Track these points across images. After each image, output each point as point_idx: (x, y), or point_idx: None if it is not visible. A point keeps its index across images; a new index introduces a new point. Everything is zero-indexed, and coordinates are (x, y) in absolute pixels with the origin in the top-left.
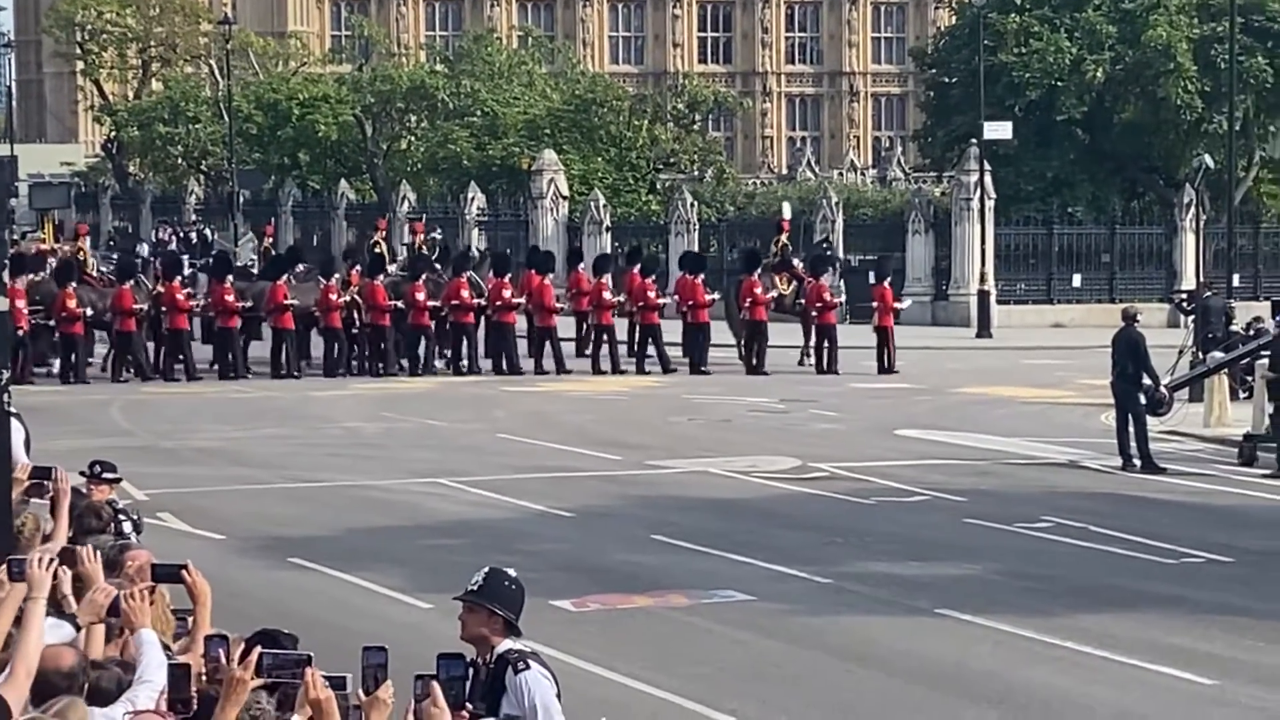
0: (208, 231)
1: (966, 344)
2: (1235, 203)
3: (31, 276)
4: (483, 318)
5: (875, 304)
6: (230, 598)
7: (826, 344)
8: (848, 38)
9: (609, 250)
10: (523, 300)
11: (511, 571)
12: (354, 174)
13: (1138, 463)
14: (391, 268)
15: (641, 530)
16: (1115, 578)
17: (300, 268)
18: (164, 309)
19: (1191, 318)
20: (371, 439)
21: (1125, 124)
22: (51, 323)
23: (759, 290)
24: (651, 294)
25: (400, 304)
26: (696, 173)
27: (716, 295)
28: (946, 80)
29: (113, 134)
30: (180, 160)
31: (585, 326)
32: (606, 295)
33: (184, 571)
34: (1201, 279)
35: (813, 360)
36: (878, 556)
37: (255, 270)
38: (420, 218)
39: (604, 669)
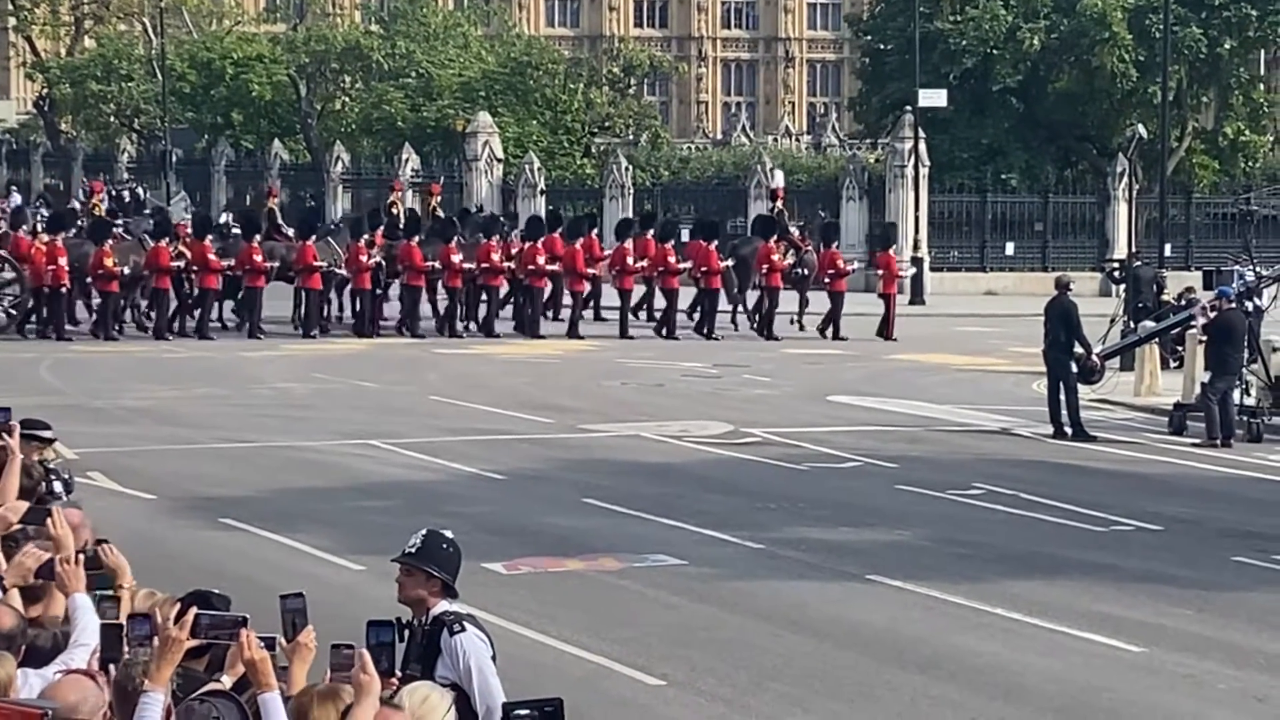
0: (140, 190)
1: (899, 310)
2: (1167, 173)
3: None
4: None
5: (880, 271)
6: (161, 558)
7: (834, 310)
8: (784, 3)
9: (544, 213)
10: (555, 266)
11: (448, 533)
12: (288, 134)
13: (1069, 431)
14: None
15: (573, 494)
16: (1045, 545)
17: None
18: (194, 268)
19: (1123, 287)
20: (303, 400)
21: (1060, 93)
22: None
23: (775, 257)
24: (671, 259)
25: (437, 264)
26: (631, 137)
27: (731, 261)
28: (882, 47)
29: (45, 91)
30: (113, 118)
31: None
32: (629, 260)
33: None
34: (1133, 249)
35: (820, 325)
36: (809, 522)
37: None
38: (439, 179)
39: (535, 632)
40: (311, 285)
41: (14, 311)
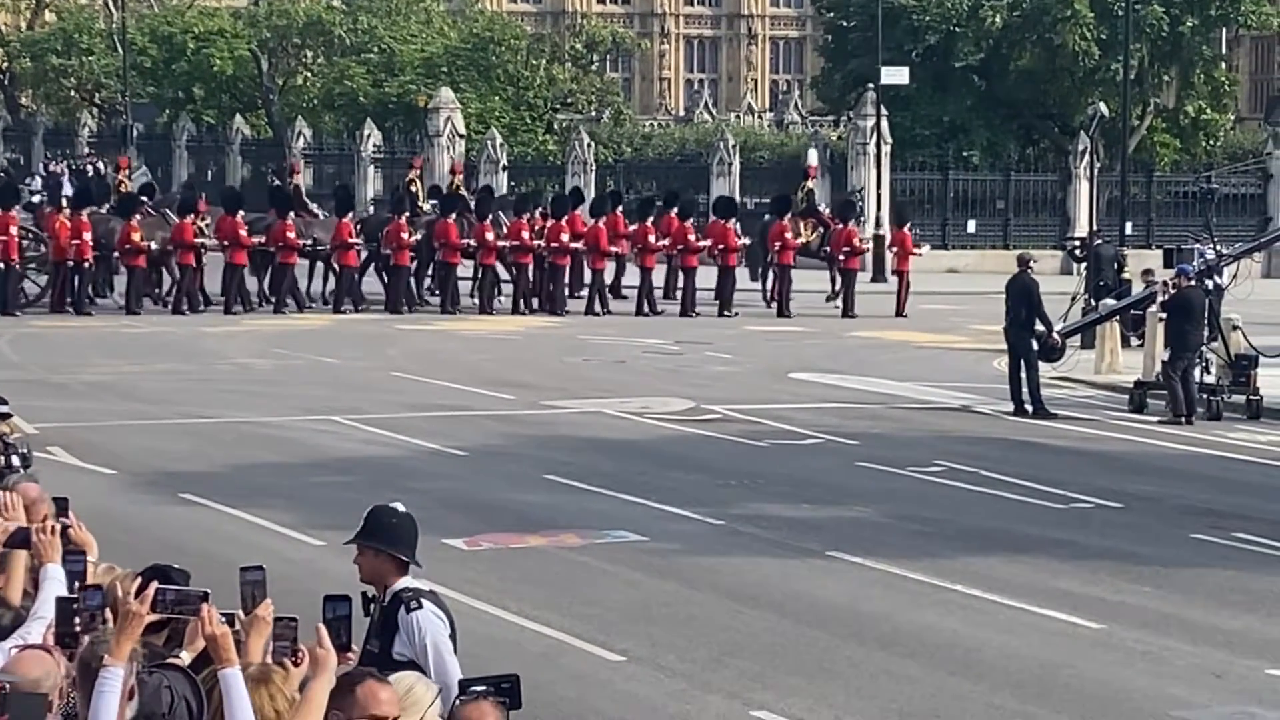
0: (101, 165)
1: (861, 288)
2: (1129, 151)
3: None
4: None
5: (894, 249)
6: (121, 533)
7: (848, 286)
8: None
9: (507, 190)
10: (579, 244)
11: (398, 506)
12: (249, 109)
13: (1029, 408)
14: (426, 206)
15: (535, 470)
16: (1005, 522)
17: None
18: (225, 244)
19: (1084, 265)
20: (264, 375)
21: (1022, 71)
22: (116, 255)
23: (788, 235)
24: (691, 237)
25: (472, 243)
26: (594, 113)
27: (748, 240)
28: (845, 24)
29: (5, 65)
30: (73, 93)
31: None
32: (651, 239)
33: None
34: (1094, 226)
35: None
36: (770, 498)
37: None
38: (463, 158)
39: (496, 608)
40: (347, 261)
41: (40, 285)
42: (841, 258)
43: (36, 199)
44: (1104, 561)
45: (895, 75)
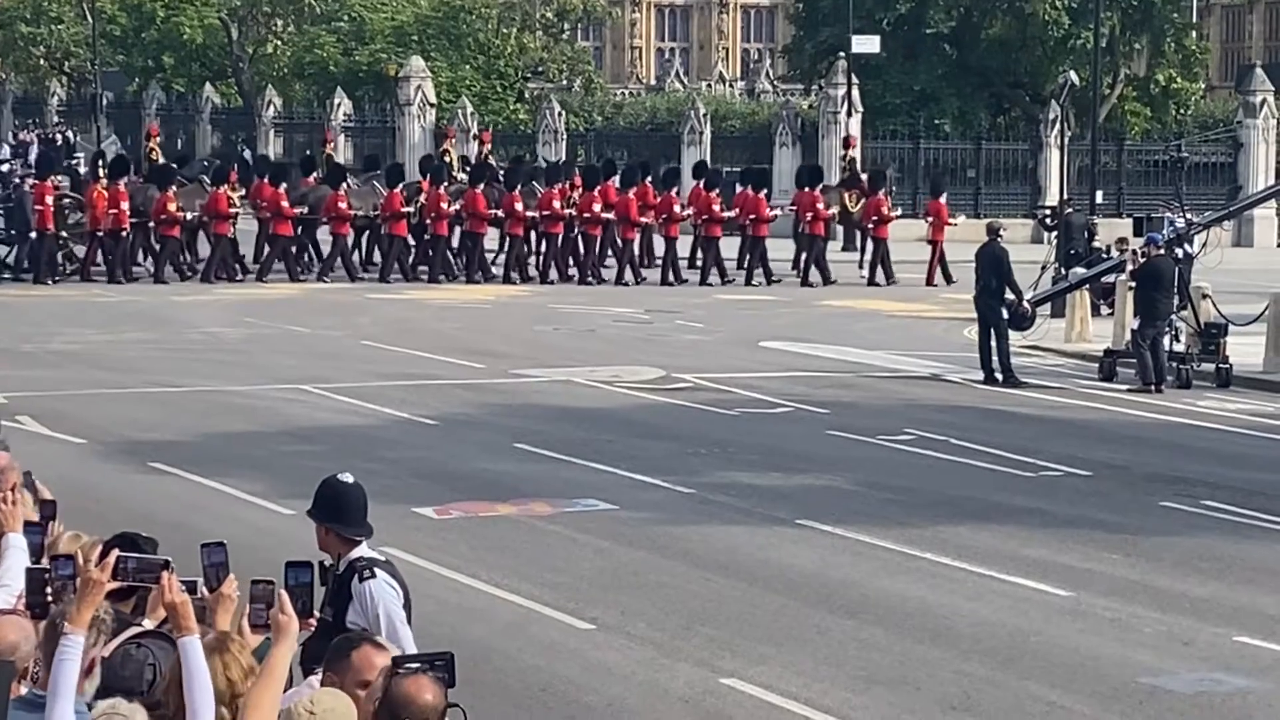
0: (70, 133)
1: (831, 257)
2: (1099, 120)
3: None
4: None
5: (930, 219)
6: (90, 501)
7: (881, 255)
8: None
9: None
10: (610, 215)
11: (347, 477)
12: (219, 78)
13: (999, 376)
14: (461, 176)
15: (504, 439)
16: (974, 490)
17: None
18: (269, 214)
19: (1054, 234)
20: (234, 344)
21: (992, 39)
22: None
23: (820, 205)
24: (716, 207)
25: (500, 213)
26: (565, 82)
27: (779, 211)
28: None
29: None
30: (42, 61)
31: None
32: (676, 209)
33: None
34: (1065, 195)
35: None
36: (740, 467)
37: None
38: (488, 127)
39: (466, 576)
40: (398, 232)
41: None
42: (871, 226)
43: (5, 168)
44: (1073, 529)
45: (866, 44)
